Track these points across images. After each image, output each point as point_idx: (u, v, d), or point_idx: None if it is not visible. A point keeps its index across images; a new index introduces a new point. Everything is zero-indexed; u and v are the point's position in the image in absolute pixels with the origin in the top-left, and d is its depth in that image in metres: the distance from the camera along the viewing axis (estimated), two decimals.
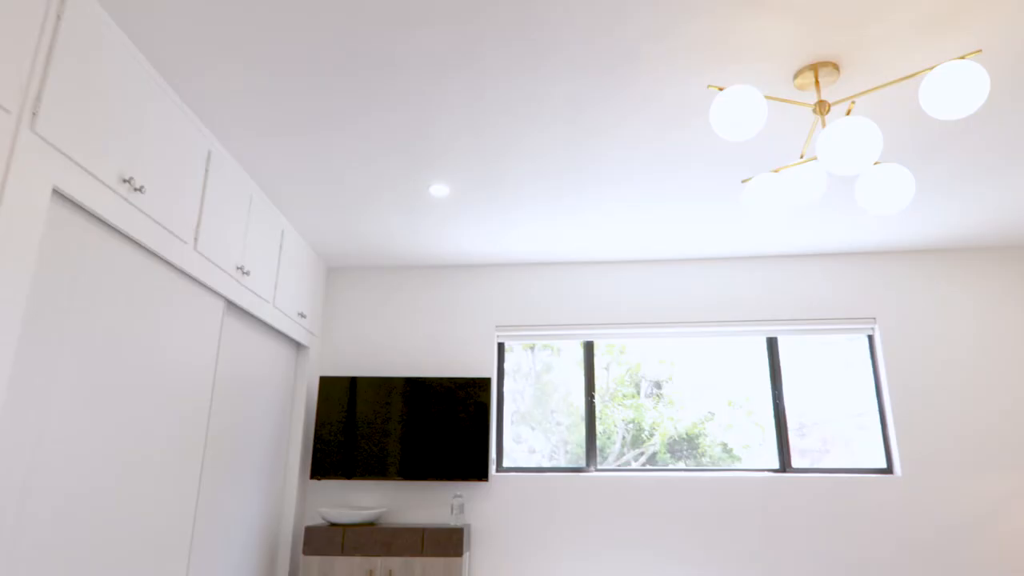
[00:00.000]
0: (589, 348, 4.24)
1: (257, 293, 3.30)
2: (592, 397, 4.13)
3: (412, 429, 3.97)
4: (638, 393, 4.08)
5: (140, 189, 2.24)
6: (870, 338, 4.05)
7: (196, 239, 2.69)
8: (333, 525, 3.73)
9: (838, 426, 3.92)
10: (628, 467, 4.00)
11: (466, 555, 3.69)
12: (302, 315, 3.93)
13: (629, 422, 4.02)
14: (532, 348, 4.25)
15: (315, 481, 4.08)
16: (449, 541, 3.60)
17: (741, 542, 3.73)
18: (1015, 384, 3.79)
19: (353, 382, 4.08)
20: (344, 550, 3.61)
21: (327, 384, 4.08)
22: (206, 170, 2.77)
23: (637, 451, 3.98)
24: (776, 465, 3.91)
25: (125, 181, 2.19)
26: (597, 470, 4.00)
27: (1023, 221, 3.60)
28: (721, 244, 3.97)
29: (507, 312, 4.29)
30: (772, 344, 4.11)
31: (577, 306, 4.24)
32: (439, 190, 3.28)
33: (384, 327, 4.34)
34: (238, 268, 3.07)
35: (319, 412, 4.03)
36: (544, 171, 3.08)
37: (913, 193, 2.25)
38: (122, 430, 2.30)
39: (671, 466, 3.97)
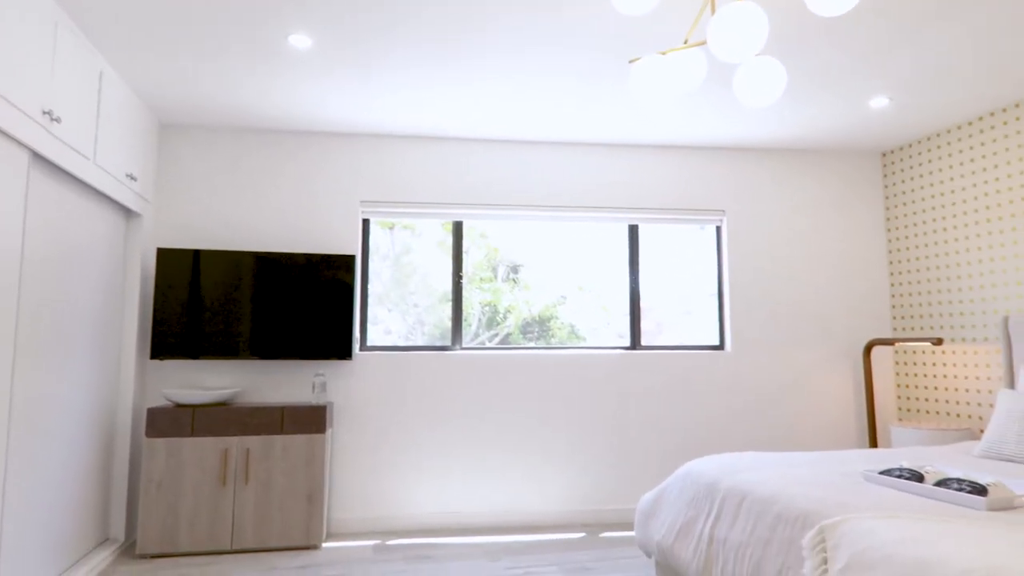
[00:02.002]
0: (458, 228, 4.17)
1: (71, 145, 2.78)
2: (460, 278, 4.12)
3: (267, 307, 3.73)
4: (495, 277, 4.14)
5: None
6: (718, 229, 4.41)
7: None
8: (180, 406, 3.49)
9: (683, 308, 4.32)
10: (497, 346, 4.13)
11: (329, 431, 3.67)
12: (131, 177, 3.41)
13: (486, 305, 4.11)
14: (391, 228, 4.10)
15: (158, 362, 3.76)
16: (312, 418, 3.54)
17: (597, 410, 4.09)
18: (826, 274, 4.38)
19: (197, 256, 3.69)
20: (194, 431, 3.42)
21: (166, 257, 3.66)
22: None
23: (491, 333, 4.10)
24: (628, 343, 4.25)
25: None
26: (463, 349, 4.09)
27: (859, 128, 3.99)
28: (596, 130, 3.99)
29: (374, 187, 4.05)
30: (633, 231, 4.32)
31: (449, 185, 4.11)
32: (300, 41, 2.89)
33: (234, 196, 3.92)
34: (44, 113, 2.53)
35: (158, 288, 3.63)
36: (426, 33, 2.80)
37: (784, 87, 2.36)
38: None
39: (533, 344, 4.16)
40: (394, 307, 4.04)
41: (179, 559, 3.31)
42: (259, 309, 3.72)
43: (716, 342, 4.33)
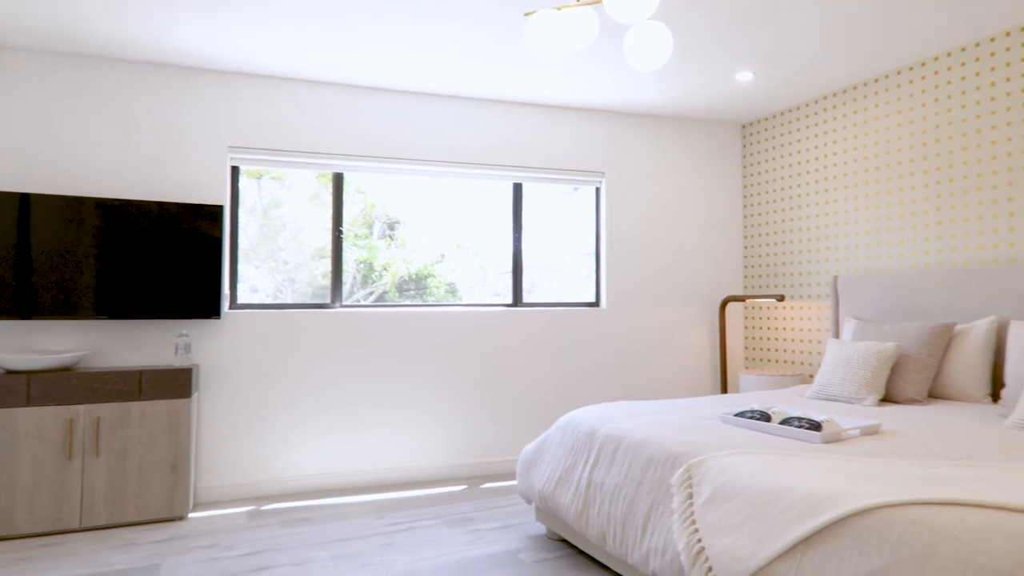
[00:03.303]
0: (339, 181, 3.97)
1: None
2: (340, 233, 3.95)
3: (116, 261, 3.36)
4: (371, 233, 4.02)
5: None
6: (597, 190, 4.56)
7: None
8: (11, 373, 3.08)
9: (562, 266, 4.46)
10: (380, 303, 4.03)
11: (195, 395, 3.42)
12: None
13: (361, 262, 3.99)
14: (259, 178, 3.83)
15: None
16: (175, 382, 3.27)
17: (479, 366, 4.14)
18: (691, 236, 4.71)
19: (26, 200, 3.22)
20: (31, 400, 3.05)
21: None
22: None
23: (367, 291, 4.01)
24: (509, 301, 4.33)
25: None
26: (343, 306, 3.95)
27: (725, 100, 4.27)
28: (484, 86, 3.93)
29: (245, 132, 3.73)
30: (518, 190, 4.36)
31: (328, 134, 3.88)
32: None
33: (76, 134, 3.44)
34: None
35: None
36: None
37: (670, 53, 2.46)
38: None
39: (418, 302, 4.11)
40: (262, 264, 3.80)
41: (19, 542, 2.97)
42: (107, 263, 3.34)
43: (592, 299, 4.54)
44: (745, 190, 4.86)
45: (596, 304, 4.53)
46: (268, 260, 3.81)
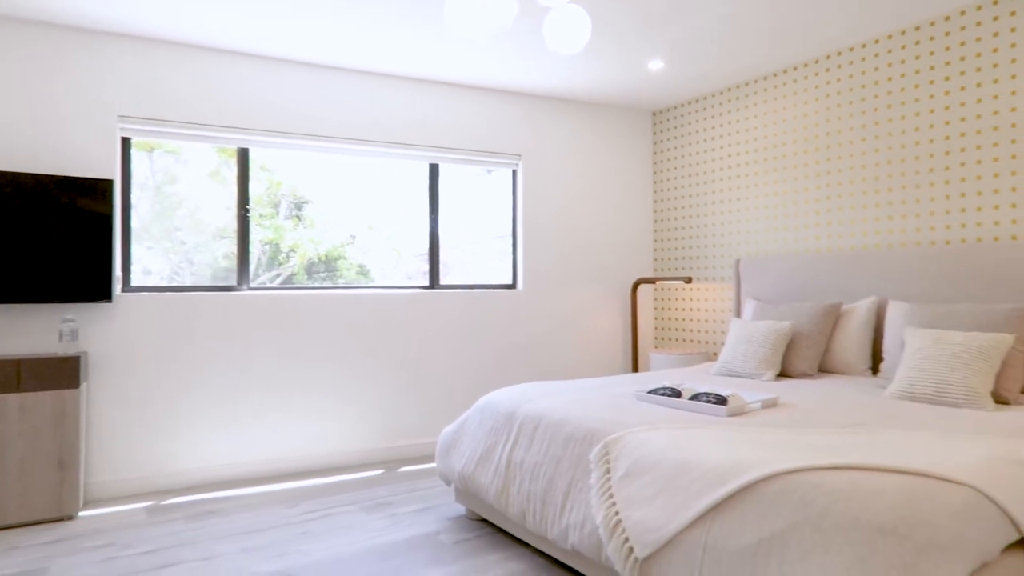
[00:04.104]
0: (244, 156, 3.75)
1: None
2: (247, 211, 3.74)
3: None
4: (277, 213, 3.85)
5: None
6: (514, 172, 4.57)
7: None
8: None
9: (477, 248, 4.45)
10: (291, 285, 3.86)
11: (84, 386, 3.16)
12: None
13: (266, 243, 3.81)
14: (151, 151, 3.55)
15: None
16: (59, 372, 3.00)
17: (396, 349, 4.07)
18: (605, 219, 4.82)
19: None
20: None
21: None
22: None
23: (273, 273, 3.84)
24: (427, 283, 4.27)
25: None
26: (250, 289, 3.76)
27: (638, 87, 4.37)
28: (401, 63, 3.82)
29: (137, 102, 3.43)
30: (434, 171, 4.29)
31: (231, 106, 3.65)
32: None
33: None
34: None
35: None
36: None
37: (588, 36, 2.48)
38: None
39: (331, 284, 3.98)
40: (155, 244, 3.54)
41: None
42: None
43: (509, 281, 4.56)
44: (655, 176, 5.03)
45: (513, 286, 4.57)
46: (163, 240, 3.55)
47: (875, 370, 3.40)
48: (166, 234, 3.56)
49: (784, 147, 4.04)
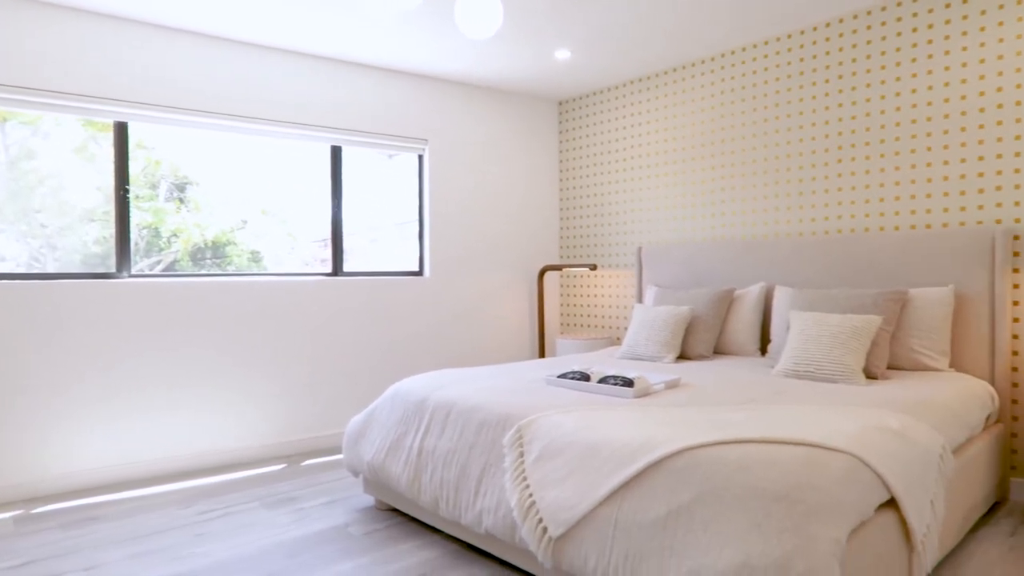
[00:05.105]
0: (122, 132, 3.43)
1: None
2: (126, 192, 3.43)
3: None
4: (157, 195, 3.56)
5: None
6: (421, 157, 4.49)
7: None
8: None
9: (379, 234, 4.34)
10: (181, 272, 3.59)
11: None
12: None
13: (144, 227, 3.52)
14: (3, 122, 3.17)
15: None
16: None
17: (297, 339, 3.90)
18: (512, 206, 4.85)
19: None
20: None
21: None
22: None
23: (153, 260, 3.56)
24: (330, 269, 4.12)
25: None
26: (132, 276, 3.46)
27: (545, 76, 4.41)
28: (301, 38, 3.62)
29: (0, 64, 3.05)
30: (336, 154, 4.13)
31: (106, 74, 3.32)
32: None
33: None
34: None
35: None
36: None
37: (500, 23, 2.47)
38: None
39: (217, 271, 3.74)
40: (9, 227, 3.17)
41: None
42: None
43: (416, 268, 4.50)
44: (562, 164, 5.12)
45: (420, 273, 4.50)
46: (18, 223, 3.19)
47: (763, 351, 3.66)
48: (23, 215, 3.20)
49: (682, 140, 4.23)
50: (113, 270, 3.41)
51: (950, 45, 3.08)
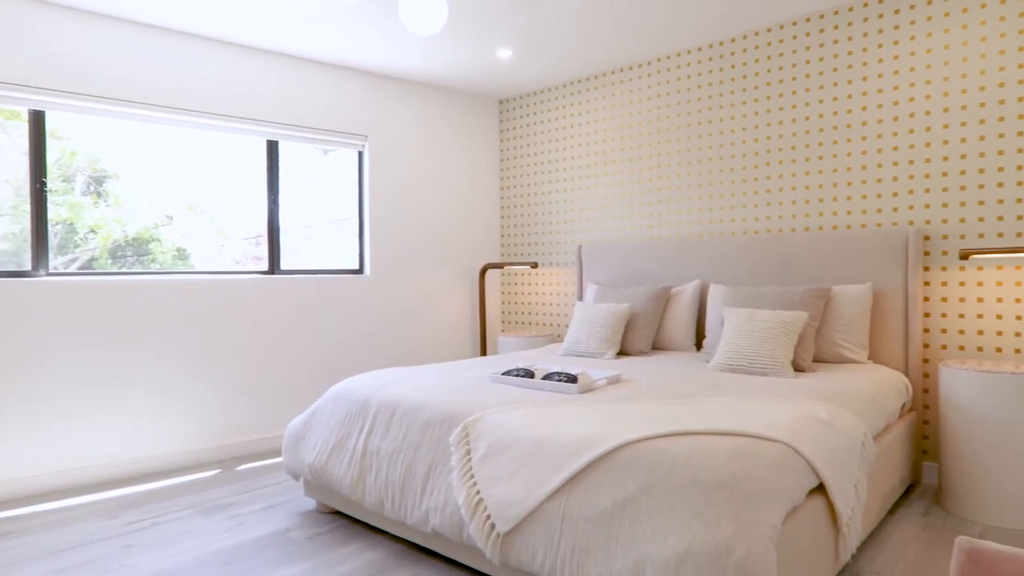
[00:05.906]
0: (39, 121, 3.21)
1: None
2: (43, 185, 3.21)
3: None
4: (72, 189, 3.35)
5: None
6: (360, 154, 4.41)
7: None
8: None
9: (316, 232, 4.24)
10: (104, 271, 3.38)
11: None
12: None
13: (59, 222, 3.31)
14: None
15: None
16: None
17: (231, 339, 3.76)
18: (453, 204, 4.83)
19: None
20: None
21: None
22: None
23: (69, 257, 3.35)
24: (266, 267, 3.99)
25: None
26: (50, 274, 3.24)
27: (486, 74, 4.41)
28: (238, 28, 3.48)
29: None
30: (273, 148, 4.00)
31: (18, 59, 3.10)
32: None
33: None
34: None
35: None
36: None
37: (445, 20, 2.46)
38: None
39: (139, 269, 3.56)
40: None
41: None
42: None
43: (356, 266, 4.42)
44: (503, 163, 5.14)
45: (360, 271, 4.43)
46: None
47: (699, 346, 3.79)
48: None
49: (620, 141, 4.33)
50: (28, 268, 3.19)
51: (868, 58, 3.29)
